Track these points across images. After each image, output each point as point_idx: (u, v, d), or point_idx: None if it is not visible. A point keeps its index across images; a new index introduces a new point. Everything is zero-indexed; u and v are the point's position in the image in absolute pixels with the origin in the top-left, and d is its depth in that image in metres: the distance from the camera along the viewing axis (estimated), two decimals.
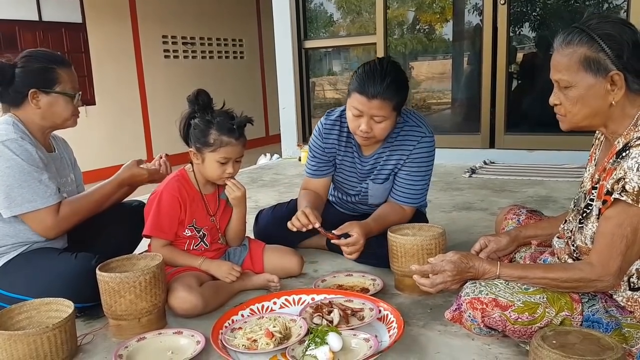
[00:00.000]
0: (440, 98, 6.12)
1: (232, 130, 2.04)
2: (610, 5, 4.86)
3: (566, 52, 1.46)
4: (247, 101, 9.70)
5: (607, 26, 1.43)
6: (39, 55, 2.05)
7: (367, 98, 2.08)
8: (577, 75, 1.45)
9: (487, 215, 3.25)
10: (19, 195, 1.90)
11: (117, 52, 8.24)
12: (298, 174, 4.86)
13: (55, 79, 2.03)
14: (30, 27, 7.28)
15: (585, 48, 1.43)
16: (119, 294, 1.77)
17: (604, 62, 1.42)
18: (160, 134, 8.66)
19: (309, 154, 2.48)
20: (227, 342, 1.64)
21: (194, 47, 9.48)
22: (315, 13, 6.05)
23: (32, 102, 2.00)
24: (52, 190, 1.95)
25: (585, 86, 1.45)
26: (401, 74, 2.15)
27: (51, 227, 1.96)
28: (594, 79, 1.44)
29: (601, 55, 1.42)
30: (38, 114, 2.02)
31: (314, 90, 6.34)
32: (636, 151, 1.38)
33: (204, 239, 2.19)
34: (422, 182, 2.33)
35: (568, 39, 1.47)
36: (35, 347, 1.60)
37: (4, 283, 1.94)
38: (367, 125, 2.13)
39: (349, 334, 1.65)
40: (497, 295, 1.49)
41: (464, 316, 1.56)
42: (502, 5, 4.67)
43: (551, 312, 1.46)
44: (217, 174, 2.10)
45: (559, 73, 1.49)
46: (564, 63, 1.47)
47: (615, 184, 1.40)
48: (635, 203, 1.35)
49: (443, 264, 1.60)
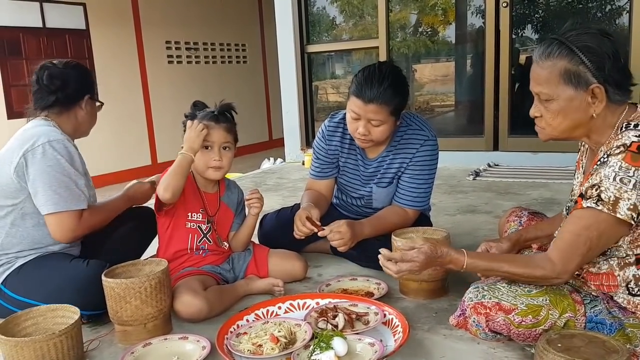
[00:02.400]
0: (444, 101, 6.13)
1: (212, 116, 2.09)
2: (612, 7, 4.86)
3: (546, 64, 1.45)
4: (251, 105, 9.73)
5: (587, 38, 1.42)
6: (81, 64, 2.21)
7: (364, 102, 2.10)
8: (558, 89, 1.45)
9: (492, 218, 3.24)
10: (56, 194, 1.93)
11: (120, 58, 8.27)
12: (302, 178, 4.87)
13: (96, 88, 2.20)
14: (34, 33, 7.31)
15: (565, 61, 1.42)
16: (124, 300, 1.77)
17: (585, 75, 1.41)
18: (164, 138, 8.67)
19: (313, 155, 2.50)
20: (233, 347, 1.65)
21: (197, 52, 9.51)
22: (317, 17, 6.07)
23: (84, 107, 2.13)
24: (85, 195, 2.01)
25: (566, 99, 1.45)
26: (400, 79, 2.16)
27: (72, 231, 1.99)
28: (575, 92, 1.43)
29: (581, 68, 1.41)
30: (82, 119, 2.14)
31: (317, 94, 6.35)
32: (614, 160, 1.37)
33: (207, 235, 2.18)
34: (425, 185, 2.33)
35: (548, 51, 1.45)
36: (41, 354, 1.60)
37: (16, 286, 1.95)
38: (364, 128, 2.15)
39: (354, 339, 1.65)
40: (500, 299, 1.49)
41: (468, 321, 1.56)
42: (505, 8, 4.67)
43: (555, 314, 1.46)
44: (204, 162, 2.10)
45: (539, 86, 1.48)
46: (544, 76, 1.46)
47: (590, 188, 1.40)
48: (612, 212, 1.36)
49: (413, 253, 1.56)
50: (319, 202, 2.37)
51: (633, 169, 1.35)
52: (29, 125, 2.06)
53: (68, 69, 2.11)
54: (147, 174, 9.07)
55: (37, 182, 1.93)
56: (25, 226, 1.99)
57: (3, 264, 1.99)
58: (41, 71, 2.08)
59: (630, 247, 1.45)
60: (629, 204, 1.35)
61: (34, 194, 1.94)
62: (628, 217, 1.36)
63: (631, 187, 1.34)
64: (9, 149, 2.00)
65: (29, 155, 1.93)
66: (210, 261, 2.19)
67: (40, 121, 2.06)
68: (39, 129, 2.01)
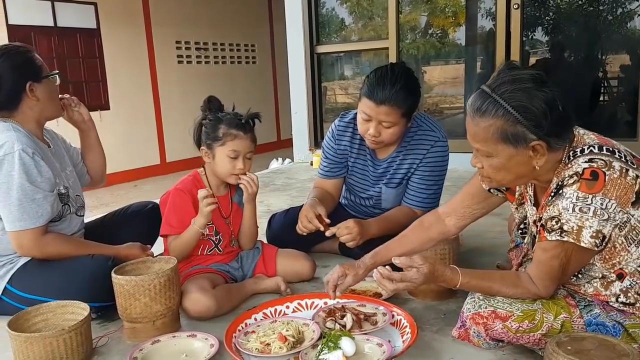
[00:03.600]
0: (453, 102, 6.11)
1: (240, 125, 2.08)
2: (624, 10, 4.83)
3: (482, 124, 1.41)
4: (259, 106, 9.56)
5: (522, 96, 1.36)
6: (12, 50, 1.99)
7: (376, 103, 2.09)
8: (497, 147, 1.42)
9: (500, 220, 3.22)
10: (10, 212, 1.87)
11: (131, 58, 8.32)
12: (310, 178, 4.87)
13: (39, 67, 1.98)
14: (45, 32, 7.37)
15: (501, 121, 1.38)
16: (133, 297, 1.78)
17: (523, 133, 1.38)
18: (174, 138, 8.72)
19: (322, 155, 2.50)
20: (241, 345, 1.65)
21: (207, 52, 9.55)
22: (327, 18, 6.07)
23: (31, 96, 1.95)
24: (43, 210, 1.90)
25: (506, 157, 1.42)
26: (412, 81, 2.15)
27: (29, 249, 1.92)
28: (515, 150, 1.40)
29: (519, 128, 1.37)
30: (38, 106, 1.97)
31: (326, 95, 6.35)
32: (570, 190, 1.37)
33: (219, 245, 2.20)
34: (434, 186, 2.33)
35: (483, 109, 1.40)
36: (51, 350, 1.61)
37: (22, 284, 1.96)
38: (375, 130, 2.14)
39: (362, 339, 1.65)
40: (496, 307, 1.51)
41: (470, 333, 1.58)
42: (516, 10, 4.65)
43: (549, 317, 1.48)
44: (228, 169, 2.10)
45: (477, 143, 1.45)
46: (481, 135, 1.43)
47: (550, 220, 1.41)
48: (577, 242, 1.37)
49: (413, 275, 1.54)
50: (324, 199, 2.36)
51: (590, 196, 1.34)
52: None
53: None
54: (156, 172, 9.16)
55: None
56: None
57: (5, 264, 1.98)
58: None
59: (605, 267, 1.46)
60: (591, 231, 1.35)
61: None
62: (592, 245, 1.37)
63: (591, 215, 1.34)
64: None
65: None
66: (218, 259, 2.20)
67: (4, 125, 1.93)
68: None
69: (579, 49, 5.50)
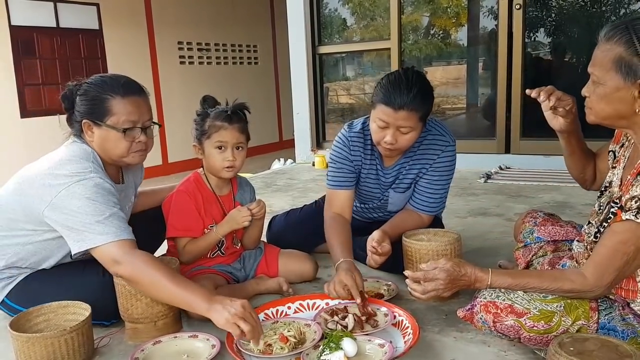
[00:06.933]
0: (455, 103, 6.11)
1: (226, 116, 2.08)
2: (626, 10, 4.82)
3: (604, 47, 1.40)
4: (261, 106, 9.74)
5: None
6: (98, 82, 1.89)
7: (394, 109, 2.02)
8: (608, 74, 1.40)
9: (503, 220, 3.22)
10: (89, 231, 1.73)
11: (133, 58, 8.32)
12: (312, 179, 4.87)
13: (107, 111, 1.85)
14: (47, 33, 7.38)
15: (622, 48, 1.36)
16: (135, 297, 1.78)
17: (636, 67, 1.35)
18: (175, 139, 8.70)
19: (332, 166, 2.36)
20: (242, 346, 1.65)
21: (209, 52, 9.55)
22: (329, 18, 6.07)
23: (87, 133, 1.89)
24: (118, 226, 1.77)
25: (612, 87, 1.40)
26: (427, 84, 2.11)
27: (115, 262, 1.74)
28: (623, 82, 1.38)
29: (635, 60, 1.35)
30: (98, 145, 1.89)
31: (328, 96, 6.35)
32: None
33: (222, 248, 2.20)
34: (442, 190, 2.30)
35: (610, 34, 1.40)
36: (52, 350, 1.62)
37: (21, 299, 1.91)
38: (392, 137, 2.07)
39: (363, 340, 1.65)
40: (514, 302, 1.48)
41: (475, 317, 1.56)
42: (518, 10, 4.65)
43: (567, 321, 1.45)
44: (217, 162, 2.09)
45: (593, 67, 1.44)
46: (599, 58, 1.42)
47: (630, 200, 1.36)
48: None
49: (436, 272, 1.58)
50: (349, 242, 2.20)
51: None
52: (62, 149, 1.89)
53: (69, 93, 1.91)
54: (157, 173, 9.16)
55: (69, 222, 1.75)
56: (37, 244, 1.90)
57: (4, 278, 1.94)
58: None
59: None
60: None
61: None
62: None
63: None
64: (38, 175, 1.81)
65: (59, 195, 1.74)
66: (221, 260, 2.20)
67: (80, 146, 1.88)
68: (69, 157, 1.82)
69: (580, 50, 5.48)
